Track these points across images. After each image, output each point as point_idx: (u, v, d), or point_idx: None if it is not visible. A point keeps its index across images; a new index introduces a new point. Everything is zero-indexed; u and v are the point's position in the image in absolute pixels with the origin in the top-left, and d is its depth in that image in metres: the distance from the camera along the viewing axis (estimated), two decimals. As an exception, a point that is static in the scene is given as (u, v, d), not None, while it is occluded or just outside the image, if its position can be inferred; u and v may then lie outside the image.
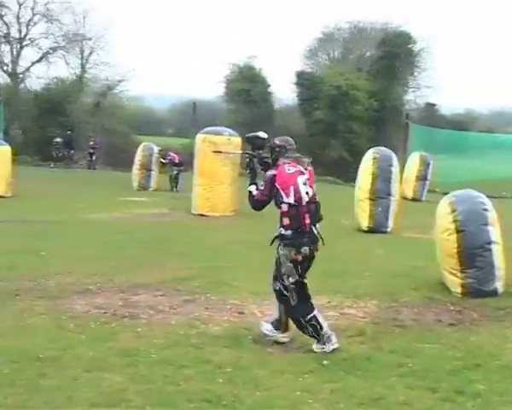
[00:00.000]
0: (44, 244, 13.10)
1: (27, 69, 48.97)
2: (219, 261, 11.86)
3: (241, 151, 7.96)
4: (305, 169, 7.05)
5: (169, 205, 21.32)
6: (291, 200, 6.85)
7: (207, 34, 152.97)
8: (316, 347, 7.00)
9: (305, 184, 6.93)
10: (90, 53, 48.93)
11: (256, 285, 9.64)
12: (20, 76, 48.73)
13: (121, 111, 47.31)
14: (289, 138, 7.29)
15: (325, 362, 6.63)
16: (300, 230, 6.89)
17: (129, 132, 45.21)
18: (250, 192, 7.28)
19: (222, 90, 46.35)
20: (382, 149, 18.04)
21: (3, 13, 47.90)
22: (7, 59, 48.74)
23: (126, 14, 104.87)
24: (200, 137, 19.48)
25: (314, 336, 7.03)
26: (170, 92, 71.70)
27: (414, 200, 27.77)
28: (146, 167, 27.68)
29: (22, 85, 48.67)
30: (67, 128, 41.60)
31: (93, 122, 44.15)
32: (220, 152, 13.88)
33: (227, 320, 8.06)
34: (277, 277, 7.13)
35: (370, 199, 16.78)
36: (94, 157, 40.06)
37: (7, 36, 48.16)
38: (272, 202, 7.15)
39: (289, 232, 6.90)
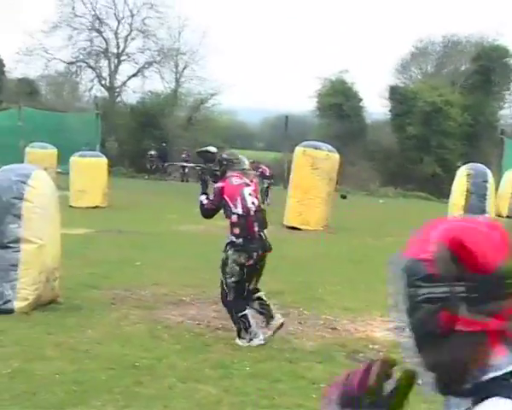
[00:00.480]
0: (139, 255, 13.35)
1: (124, 83, 50.31)
2: (311, 276, 11.81)
3: (193, 164, 8.53)
4: (251, 181, 7.75)
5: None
6: (239, 211, 7.47)
7: (299, 48, 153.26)
8: (239, 341, 7.50)
9: (250, 194, 7.56)
10: (185, 67, 49.87)
11: (348, 301, 9.57)
12: (117, 90, 50.08)
13: (213, 124, 47.88)
14: (236, 153, 8.16)
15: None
16: (250, 237, 7.48)
17: (221, 146, 45.69)
18: (201, 202, 7.89)
19: (313, 105, 46.40)
20: (476, 164, 17.69)
21: (103, 29, 49.43)
22: (105, 73, 50.24)
23: (220, 28, 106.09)
24: (299, 150, 19.48)
25: (243, 330, 7.48)
26: (262, 106, 72.04)
27: (509, 217, 27.00)
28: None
29: (119, 99, 50.00)
30: (162, 141, 42.41)
31: (186, 136, 44.84)
32: (173, 164, 13.96)
33: (320, 336, 8.01)
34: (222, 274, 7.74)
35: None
36: (187, 170, 40.61)
37: (105, 51, 49.62)
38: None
39: (240, 240, 7.48)
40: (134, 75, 50.03)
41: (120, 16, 49.22)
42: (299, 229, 18.65)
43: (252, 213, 7.52)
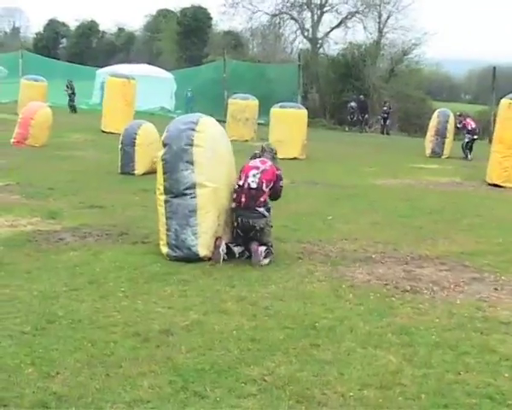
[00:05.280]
0: (332, 208, 13.11)
1: (326, 34, 49.97)
2: (513, 238, 10.97)
3: None
4: (268, 167, 8.93)
5: (461, 174, 20.39)
6: (240, 183, 8.88)
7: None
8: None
9: (254, 176, 8.80)
10: (388, 17, 48.53)
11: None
12: (320, 41, 49.85)
13: (417, 76, 46.48)
14: (271, 144, 9.85)
15: None
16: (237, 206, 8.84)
17: (424, 98, 44.34)
18: None
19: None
20: None
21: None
22: (308, 25, 50.14)
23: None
24: (504, 102, 18.21)
25: None
26: (468, 57, 69.29)
27: None
28: (440, 134, 26.75)
29: (321, 51, 49.80)
30: (362, 93, 41.71)
31: (387, 87, 43.88)
32: None
33: (517, 305, 7.33)
34: None
35: None
36: (388, 122, 39.73)
37: (309, 2, 49.45)
38: None
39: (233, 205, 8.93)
40: (336, 26, 49.53)
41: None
42: (502, 187, 17.52)
43: (246, 187, 8.76)
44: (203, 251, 8.59)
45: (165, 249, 8.73)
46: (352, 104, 40.48)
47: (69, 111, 35.30)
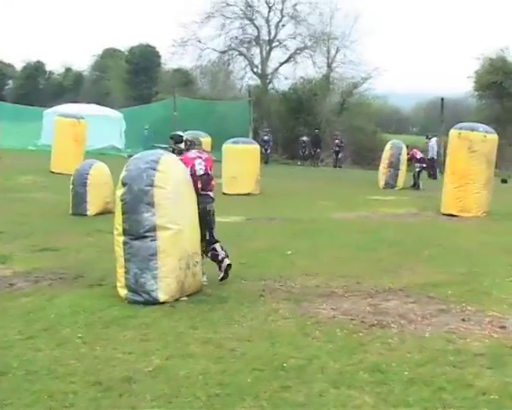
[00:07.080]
0: (290, 243, 12.90)
1: (276, 70, 50.24)
2: (474, 267, 10.89)
3: (165, 145, 10.92)
4: (205, 157, 9.62)
5: (417, 204, 20.40)
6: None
7: (453, 28, 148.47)
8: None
9: (200, 164, 9.42)
10: (337, 52, 49.03)
11: (518, 296, 8.64)
12: (269, 77, 50.07)
13: (366, 109, 46.92)
14: (197, 136, 10.62)
15: None
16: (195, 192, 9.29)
17: (375, 131, 44.73)
18: None
19: (470, 86, 44.30)
20: None
21: (254, 17, 49.54)
22: (257, 61, 50.37)
23: (371, 11, 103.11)
24: (454, 132, 18.34)
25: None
26: (414, 91, 70.30)
27: None
28: (393, 166, 26.88)
29: (271, 86, 50.00)
30: (315, 127, 41.81)
31: (339, 121, 44.15)
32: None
33: (488, 335, 7.19)
34: None
35: None
36: (340, 155, 39.87)
37: (257, 39, 49.73)
38: None
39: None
40: (285, 62, 49.85)
41: (271, 3, 49.15)
42: (457, 216, 17.57)
43: (197, 174, 9.30)
44: (163, 296, 8.27)
45: (123, 292, 8.41)
46: (304, 138, 40.57)
47: None
